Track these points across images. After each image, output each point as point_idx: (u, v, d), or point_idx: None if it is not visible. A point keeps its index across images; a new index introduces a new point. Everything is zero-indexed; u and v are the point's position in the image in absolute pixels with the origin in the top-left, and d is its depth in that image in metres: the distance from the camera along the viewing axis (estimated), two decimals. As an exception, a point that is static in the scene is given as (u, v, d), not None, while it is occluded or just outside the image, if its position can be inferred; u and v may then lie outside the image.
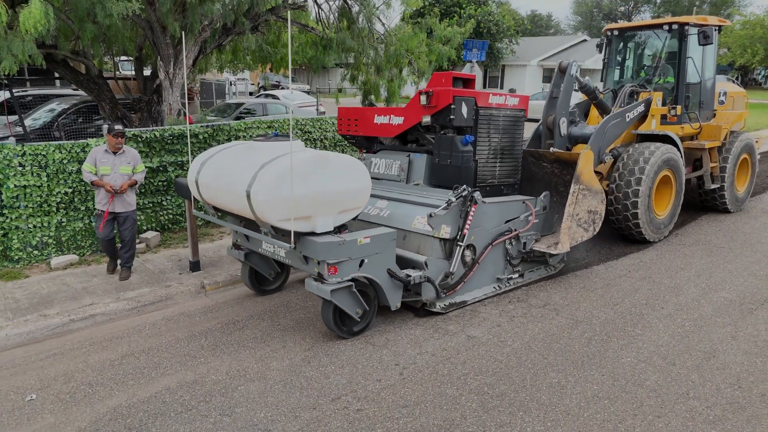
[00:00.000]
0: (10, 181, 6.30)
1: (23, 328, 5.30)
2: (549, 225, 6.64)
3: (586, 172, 6.46)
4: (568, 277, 6.67)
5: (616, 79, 9.27)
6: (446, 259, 5.64)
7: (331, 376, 4.54)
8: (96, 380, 4.54)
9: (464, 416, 4.00)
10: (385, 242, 5.05)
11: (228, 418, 4.02)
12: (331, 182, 4.78)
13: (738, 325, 5.42)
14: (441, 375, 4.53)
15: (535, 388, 4.34)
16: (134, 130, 7.12)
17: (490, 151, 6.30)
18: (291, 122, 5.15)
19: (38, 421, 4.02)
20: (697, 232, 8.54)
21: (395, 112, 6.19)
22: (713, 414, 4.04)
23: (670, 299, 6.02)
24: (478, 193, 5.71)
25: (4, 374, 4.67)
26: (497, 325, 5.40)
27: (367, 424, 3.93)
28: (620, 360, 4.75)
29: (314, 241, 4.75)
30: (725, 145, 9.06)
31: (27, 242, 6.50)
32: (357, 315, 5.07)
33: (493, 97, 6.15)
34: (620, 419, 3.97)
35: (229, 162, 5.19)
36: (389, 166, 6.51)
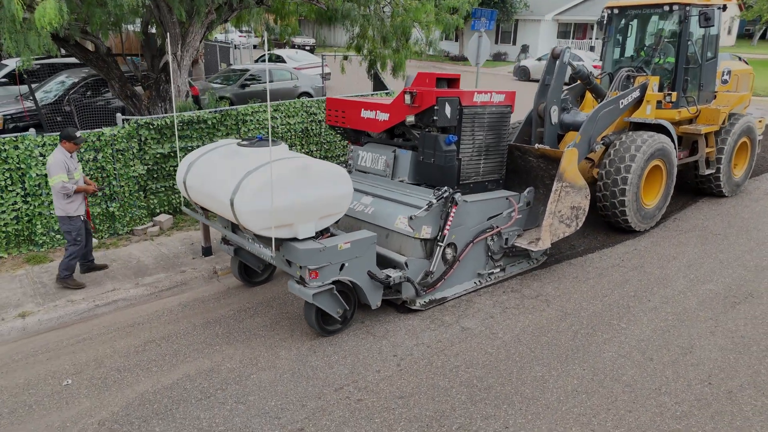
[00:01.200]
0: (32, 170, 6.70)
1: (53, 313, 5.84)
2: (533, 218, 6.83)
3: (569, 169, 6.61)
4: (563, 266, 7.04)
5: (616, 57, 9.22)
6: (427, 259, 5.90)
7: (334, 366, 5.03)
8: (123, 366, 5.08)
9: (454, 408, 4.49)
10: (365, 246, 5.31)
11: (242, 405, 4.54)
12: (313, 191, 5.00)
13: (719, 319, 5.81)
14: (435, 367, 5.00)
15: (520, 381, 4.80)
16: (146, 118, 7.42)
17: (474, 148, 6.39)
18: (269, 126, 5.27)
19: (76, 405, 4.57)
20: (696, 217, 8.79)
21: (381, 108, 6.27)
22: (680, 410, 4.48)
23: (658, 291, 6.39)
24: (459, 194, 5.89)
25: (41, 359, 5.23)
26: (490, 317, 5.83)
27: (367, 414, 4.43)
28: (602, 354, 5.19)
29: (296, 248, 5.02)
30: (724, 129, 9.06)
31: (50, 227, 6.96)
32: (338, 314, 5.39)
33: (478, 96, 6.21)
34: (594, 413, 4.43)
35: (214, 167, 5.41)
36: (375, 161, 6.67)
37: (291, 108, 8.65)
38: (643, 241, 7.78)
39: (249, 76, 15.26)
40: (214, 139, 8.02)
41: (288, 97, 15.77)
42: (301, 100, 8.82)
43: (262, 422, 4.34)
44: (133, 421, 4.37)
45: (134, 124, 7.36)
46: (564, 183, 6.53)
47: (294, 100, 8.75)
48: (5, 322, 5.64)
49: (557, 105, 7.45)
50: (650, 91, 8.17)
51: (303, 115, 8.85)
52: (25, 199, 6.77)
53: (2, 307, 5.85)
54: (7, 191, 6.64)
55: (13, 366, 5.11)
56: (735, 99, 9.30)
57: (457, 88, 6.32)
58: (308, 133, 8.97)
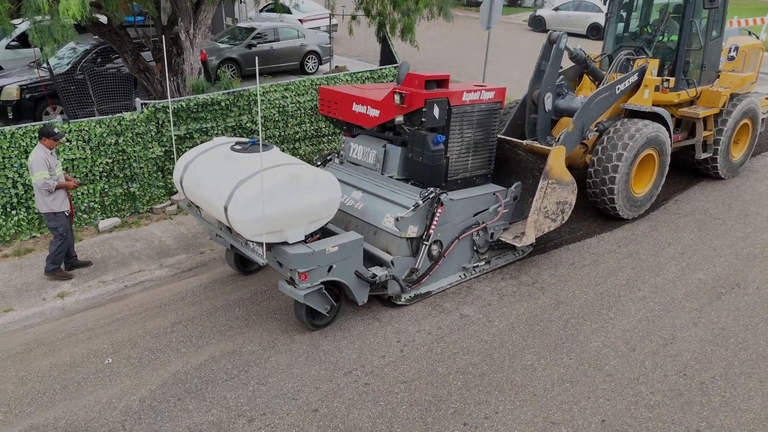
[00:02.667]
0: (60, 155, 7.14)
1: (88, 294, 6.46)
2: (521, 211, 7.09)
3: (556, 167, 6.78)
4: (561, 251, 7.49)
5: (619, 33, 9.13)
6: (412, 256, 6.19)
7: (344, 350, 5.64)
8: (155, 346, 5.73)
9: (450, 393, 5.10)
10: (352, 248, 5.67)
11: (263, 387, 5.19)
12: (303, 199, 5.31)
13: (703, 310, 6.29)
14: (434, 353, 5.59)
15: (511, 369, 5.39)
16: (163, 102, 7.76)
17: (463, 146, 6.56)
18: (260, 136, 5.47)
19: (118, 383, 5.25)
20: (698, 198, 9.09)
21: (372, 104, 6.28)
22: (654, 399, 5.06)
23: (649, 280, 6.85)
24: (445, 195, 6.12)
25: (81, 338, 5.89)
26: (488, 304, 6.36)
27: (373, 397, 5.06)
28: (588, 344, 5.73)
29: (286, 252, 5.39)
30: (724, 111, 9.03)
31: (77, 207, 7.49)
32: (326, 311, 5.84)
33: (467, 94, 6.34)
34: (576, 401, 5.02)
35: (209, 171, 5.67)
36: (366, 154, 6.88)
37: (301, 86, 8.90)
38: (642, 226, 8.17)
39: (256, 35, 15.26)
40: (227, 120, 8.38)
41: (295, 57, 15.79)
42: (310, 78, 9.04)
43: (281, 403, 4.99)
44: (169, 399, 5.05)
45: (152, 108, 7.71)
46: (550, 180, 6.74)
47: (304, 78, 8.98)
48: (46, 302, 6.30)
49: (551, 92, 7.55)
50: (649, 75, 8.19)
51: (312, 93, 9.08)
52: (53, 182, 7.27)
53: (42, 288, 6.50)
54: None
55: (58, 344, 5.79)
56: (738, 80, 9.20)
57: (447, 88, 6.38)
58: (318, 110, 9.24)
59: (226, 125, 8.39)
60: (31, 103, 10.42)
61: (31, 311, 6.14)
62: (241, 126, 8.56)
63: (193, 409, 4.93)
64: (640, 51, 8.71)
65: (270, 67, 15.39)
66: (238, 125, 8.54)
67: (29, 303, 6.25)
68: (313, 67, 16.25)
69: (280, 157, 5.71)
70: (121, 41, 9.46)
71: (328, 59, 16.49)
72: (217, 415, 4.86)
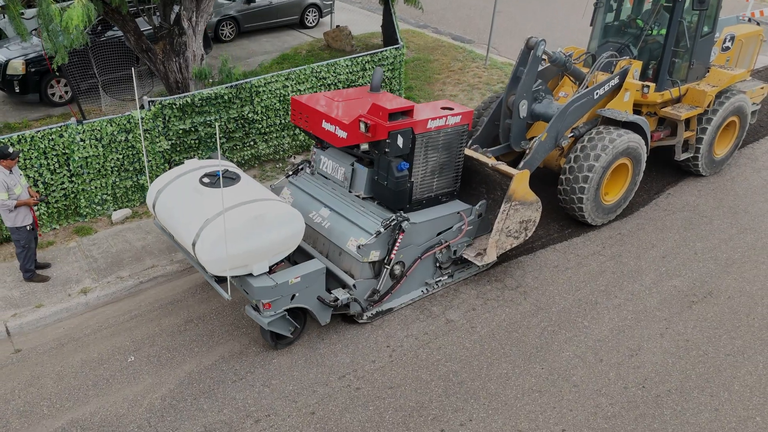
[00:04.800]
0: (75, 154, 7.67)
1: (107, 290, 7.19)
2: (486, 225, 7.32)
3: (519, 190, 6.97)
4: (547, 252, 8.01)
5: (609, 22, 8.97)
6: (375, 278, 6.53)
7: (338, 354, 6.38)
8: (171, 345, 6.51)
9: (431, 400, 5.87)
10: (314, 277, 6.07)
11: (268, 388, 5.99)
12: (266, 237, 5.68)
13: (672, 320, 6.90)
14: (420, 359, 6.32)
15: (487, 377, 6.12)
16: (169, 99, 8.09)
17: (428, 170, 6.76)
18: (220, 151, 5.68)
19: (141, 381, 6.07)
20: (690, 192, 9.38)
21: (340, 125, 6.44)
22: (612, 411, 5.80)
23: (627, 286, 7.41)
24: (406, 222, 6.38)
25: (106, 334, 6.69)
26: (472, 309, 7.01)
27: (363, 401, 5.85)
28: (561, 354, 6.42)
29: (251, 284, 5.82)
30: (709, 111, 8.94)
31: (91, 200, 8.08)
32: (290, 332, 6.31)
33: (432, 122, 6.49)
34: (542, 410, 5.78)
35: (178, 203, 6.02)
36: (335, 170, 7.12)
37: (301, 75, 9.11)
38: (629, 224, 8.60)
39: (254, -8, 14.99)
40: (230, 112, 8.72)
41: (295, 11, 15.53)
42: (311, 66, 9.23)
43: (284, 404, 5.80)
44: (186, 398, 5.88)
45: (159, 105, 8.07)
46: (513, 202, 6.95)
47: (304, 67, 9.17)
48: (72, 297, 7.05)
49: (527, 99, 7.67)
50: (631, 78, 8.19)
51: (313, 80, 9.29)
52: (70, 179, 7.83)
53: (67, 283, 7.23)
54: (56, 173, 7.69)
55: (86, 340, 6.59)
56: (727, 78, 9.01)
57: (411, 118, 6.46)
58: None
59: (229, 116, 8.74)
60: (36, 77, 10.71)
61: (59, 307, 6.91)
62: (243, 117, 8.90)
63: (207, 409, 5.76)
64: (624, 49, 8.61)
65: (269, 23, 15.25)
66: (240, 116, 8.87)
67: (56, 299, 7.00)
68: (314, 21, 16.00)
69: (246, 191, 5.96)
70: (123, 21, 9.58)
71: (329, 12, 16.19)
72: (228, 415, 5.70)
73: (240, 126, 8.94)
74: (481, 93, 12.22)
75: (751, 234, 8.39)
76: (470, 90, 12.37)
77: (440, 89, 12.45)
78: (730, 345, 6.54)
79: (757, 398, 5.91)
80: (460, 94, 12.22)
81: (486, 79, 12.82)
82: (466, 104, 11.78)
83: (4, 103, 11.30)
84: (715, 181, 9.70)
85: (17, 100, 11.22)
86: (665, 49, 8.36)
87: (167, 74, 9.66)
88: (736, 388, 6.01)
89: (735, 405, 5.83)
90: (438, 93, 12.25)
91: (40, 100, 11.02)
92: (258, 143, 9.24)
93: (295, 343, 6.47)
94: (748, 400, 5.88)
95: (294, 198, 7.23)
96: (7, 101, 11.30)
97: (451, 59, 13.99)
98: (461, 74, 13.08)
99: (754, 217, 8.78)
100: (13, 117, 10.80)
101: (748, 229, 8.51)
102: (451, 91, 12.31)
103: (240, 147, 9.10)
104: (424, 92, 12.24)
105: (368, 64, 9.83)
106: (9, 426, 5.56)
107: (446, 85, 12.62)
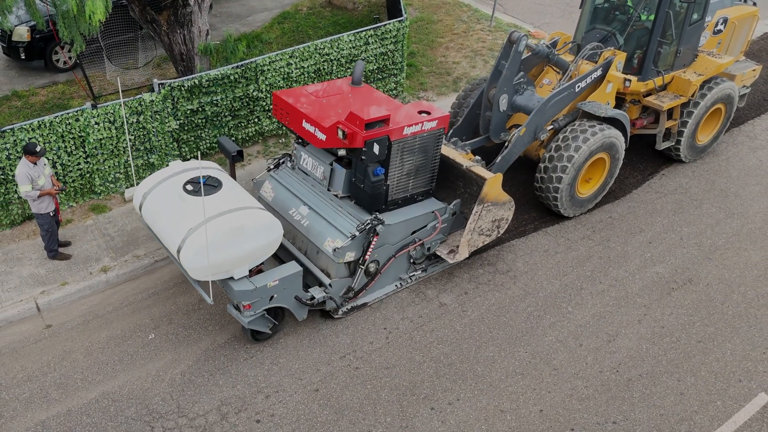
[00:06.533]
0: (90, 136, 8.04)
1: (125, 268, 7.75)
2: (460, 221, 7.56)
3: (491, 192, 7.18)
4: (539, 236, 8.42)
5: (600, 2, 8.85)
6: (350, 277, 6.88)
7: (340, 334, 7.00)
8: (187, 323, 7.14)
9: (423, 380, 6.53)
10: (292, 279, 6.46)
11: (276, 366, 6.66)
12: (246, 245, 6.06)
13: (651, 307, 7.44)
14: (414, 342, 6.94)
15: (475, 360, 6.75)
16: (177, 81, 8.32)
17: (403, 173, 7.00)
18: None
19: (162, 357, 6.74)
20: (683, 173, 9.62)
21: (320, 127, 6.65)
22: (586, 393, 6.46)
23: (611, 272, 7.89)
24: (381, 226, 6.68)
25: (126, 312, 7.31)
26: (465, 292, 7.55)
27: (362, 380, 6.52)
28: (544, 338, 7.02)
29: (231, 287, 6.23)
30: (692, 101, 8.94)
31: (105, 178, 8.50)
32: (268, 329, 6.74)
33: (408, 128, 6.69)
34: (523, 392, 6.44)
35: (163, 209, 6.36)
36: (315, 168, 7.36)
37: (305, 52, 9.22)
38: (620, 207, 8.95)
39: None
40: (235, 91, 8.92)
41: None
42: (314, 43, 9.31)
43: (291, 382, 6.49)
44: (203, 374, 6.57)
45: (168, 88, 8.33)
46: (486, 204, 7.18)
47: (308, 44, 9.25)
48: (93, 276, 7.63)
49: (507, 94, 7.80)
50: (614, 71, 8.24)
51: (316, 57, 9.39)
52: (86, 159, 8.24)
53: (87, 261, 7.78)
54: (73, 155, 8.10)
55: (108, 317, 7.23)
56: (714, 67, 8.94)
57: (388, 126, 6.61)
58: (320, 73, 9.61)
59: (235, 96, 8.94)
60: (41, 44, 10.79)
61: (82, 285, 7.50)
62: (248, 95, 9.10)
63: (223, 384, 6.46)
64: (610, 38, 8.58)
65: None
66: (245, 95, 9.07)
67: (79, 277, 7.58)
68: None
69: (227, 200, 6.28)
70: (126, -10, 9.59)
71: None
72: (242, 390, 6.40)
73: (245, 104, 9.15)
74: (484, 60, 12.21)
75: (738, 219, 8.77)
76: (473, 56, 12.34)
77: (443, 55, 12.43)
78: (702, 332, 7.13)
79: (721, 383, 6.55)
80: (462, 60, 12.22)
81: (490, 44, 12.74)
82: (468, 72, 11.83)
83: (9, 68, 11.45)
84: (711, 161, 9.95)
85: (23, 66, 11.37)
86: (651, 39, 8.35)
87: (172, 46, 9.75)
88: (703, 374, 6.65)
89: (699, 389, 6.48)
90: (440, 59, 12.25)
91: (45, 66, 11.15)
92: (262, 120, 9.49)
93: (300, 324, 7.10)
94: (712, 385, 6.53)
95: (275, 193, 7.51)
96: (13, 66, 11.43)
97: (455, 20, 13.80)
98: (465, 38, 12.97)
99: (744, 200, 9.12)
100: (20, 84, 11.00)
101: (735, 213, 8.88)
102: (453, 58, 12.30)
103: (245, 124, 9.36)
104: (426, 59, 12.25)
105: (371, 38, 9.85)
106: (49, 396, 6.30)
107: (449, 51, 12.58)
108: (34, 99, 10.58)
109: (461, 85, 11.44)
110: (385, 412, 6.19)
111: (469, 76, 11.70)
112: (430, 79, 11.68)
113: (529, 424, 6.10)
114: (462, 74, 11.81)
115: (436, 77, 11.75)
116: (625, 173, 9.52)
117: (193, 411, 6.15)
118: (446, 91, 11.31)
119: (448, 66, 12.08)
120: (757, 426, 6.13)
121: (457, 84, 11.52)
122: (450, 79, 11.69)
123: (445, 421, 6.11)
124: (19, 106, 10.37)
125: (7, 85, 10.98)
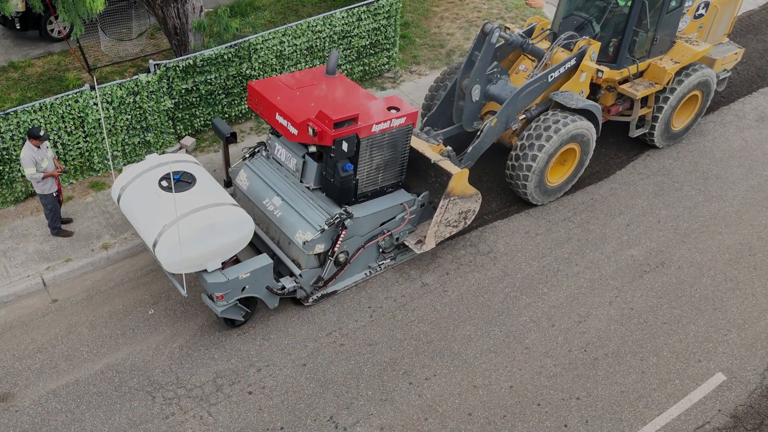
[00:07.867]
0: (89, 116, 8.27)
1: (125, 245, 8.15)
2: (429, 212, 7.76)
3: (457, 187, 7.31)
4: (521, 217, 8.71)
5: None
6: (320, 267, 7.15)
7: (326, 312, 7.45)
8: (185, 300, 7.56)
9: (403, 357, 7.03)
10: (263, 272, 6.76)
11: (267, 342, 7.16)
12: (218, 241, 6.37)
13: (622, 289, 7.83)
14: (396, 320, 7.39)
15: (453, 338, 7.23)
16: (172, 61, 8.45)
17: (372, 167, 7.17)
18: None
19: (161, 332, 7.23)
20: (668, 155, 9.76)
21: (293, 122, 6.81)
22: (555, 371, 6.95)
23: (588, 254, 8.25)
24: (349, 220, 6.92)
25: (126, 287, 7.77)
26: (446, 273, 7.94)
27: (346, 356, 7.03)
28: (519, 318, 7.46)
29: (205, 279, 6.58)
30: (668, 89, 8.93)
31: (103, 156, 8.79)
32: (241, 316, 7.10)
33: (377, 126, 6.85)
34: (495, 369, 6.94)
35: (140, 204, 6.63)
36: (288, 159, 7.55)
37: (298, 30, 9.23)
38: (603, 188, 9.17)
39: None
40: (228, 70, 9.03)
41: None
42: (307, 21, 9.31)
43: (280, 357, 6.99)
44: (200, 348, 7.08)
45: (163, 68, 8.49)
46: (452, 197, 7.34)
47: (300, 22, 9.22)
48: (95, 252, 8.04)
49: (480, 84, 7.88)
50: (588, 60, 8.25)
51: (309, 34, 9.41)
52: (85, 138, 8.50)
53: (89, 238, 8.18)
54: (73, 134, 8.36)
55: (110, 293, 7.70)
56: (690, 55, 8.90)
57: (356, 124, 6.76)
58: (313, 50, 9.68)
59: (228, 74, 9.06)
60: (36, 14, 10.79)
61: (85, 261, 7.92)
62: (241, 74, 9.21)
63: (218, 358, 6.98)
64: (587, 26, 8.54)
65: None
66: (239, 73, 9.18)
67: (81, 253, 8.00)
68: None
69: (201, 196, 6.54)
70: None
71: None
72: (235, 363, 6.93)
73: (238, 82, 9.28)
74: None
75: (717, 202, 9.03)
76: (467, 27, 12.24)
77: (437, 25, 12.34)
78: (669, 314, 7.56)
79: (681, 363, 7.03)
80: (457, 32, 12.14)
81: (485, 14, 12.60)
82: (461, 45, 11.79)
83: (4, 37, 11.49)
84: (696, 142, 10.10)
85: (17, 35, 11.41)
86: (627, 27, 8.31)
87: (166, 20, 9.76)
88: (665, 354, 7.12)
89: (660, 369, 6.97)
90: (434, 30, 12.18)
91: (39, 36, 11.17)
92: (256, 96, 9.66)
93: (289, 303, 7.55)
94: (672, 365, 7.01)
95: (250, 182, 7.73)
96: (8, 36, 11.46)
97: (453, -13, 13.60)
98: (460, 7, 12.81)
99: (724, 183, 9.34)
100: (16, 54, 11.07)
101: (714, 197, 9.13)
102: (448, 29, 12.22)
103: (238, 102, 9.50)
104: (420, 29, 12.18)
105: (364, 14, 9.84)
106: (58, 367, 6.85)
107: (443, 21, 12.47)
108: (31, 70, 10.70)
109: (454, 58, 11.46)
110: (367, 386, 6.73)
111: (462, 48, 11.68)
112: (423, 51, 11.68)
113: (499, 398, 6.64)
114: (456, 46, 11.79)
115: (429, 50, 11.74)
116: (609, 153, 9.74)
117: (191, 382, 6.70)
118: (439, 65, 11.33)
119: (442, 37, 12.04)
120: (711, 404, 6.65)
121: (450, 57, 11.52)
122: (443, 52, 11.68)
123: (422, 395, 6.65)
124: (16, 78, 10.51)
125: (3, 56, 11.06)
